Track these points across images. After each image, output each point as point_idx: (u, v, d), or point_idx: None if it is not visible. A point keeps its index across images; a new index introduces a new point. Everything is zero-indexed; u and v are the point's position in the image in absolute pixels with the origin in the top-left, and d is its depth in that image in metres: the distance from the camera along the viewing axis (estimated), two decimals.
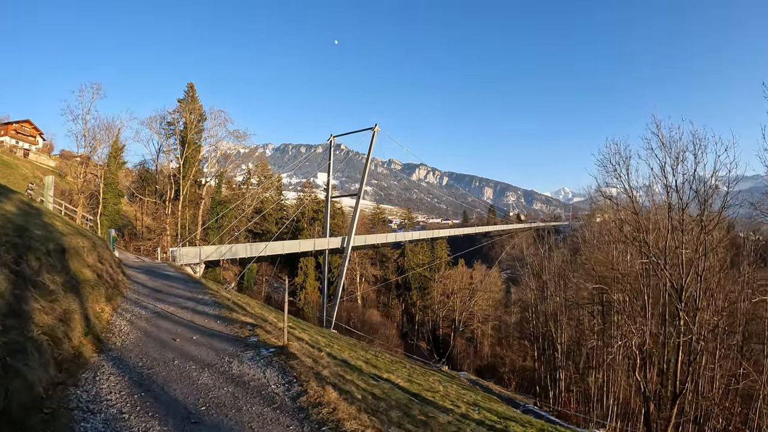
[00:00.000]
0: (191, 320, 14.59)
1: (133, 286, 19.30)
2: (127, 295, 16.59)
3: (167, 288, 21.71)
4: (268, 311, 27.66)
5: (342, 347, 24.36)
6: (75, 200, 53.58)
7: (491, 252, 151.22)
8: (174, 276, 27.73)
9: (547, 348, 50.70)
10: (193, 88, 67.22)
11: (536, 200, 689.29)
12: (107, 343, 10.47)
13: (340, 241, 66.49)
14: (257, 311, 21.31)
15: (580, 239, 52.24)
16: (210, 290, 22.77)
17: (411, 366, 35.90)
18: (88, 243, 16.09)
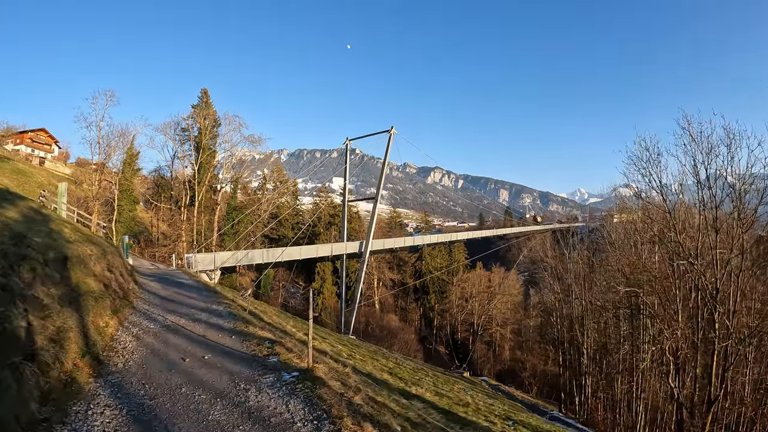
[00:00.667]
0: (203, 335, 13.49)
1: (144, 295, 18.38)
2: (136, 306, 15.66)
3: (180, 297, 20.68)
4: (286, 319, 26.61)
5: (364, 357, 23.24)
6: (90, 207, 53.24)
7: (508, 254, 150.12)
8: (188, 284, 26.71)
9: (572, 353, 49.00)
10: (207, 94, 66.67)
11: (552, 202, 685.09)
12: (108, 365, 9.39)
13: (358, 245, 65.29)
14: (275, 320, 20.33)
15: (604, 240, 50.21)
16: (225, 300, 21.62)
17: (434, 374, 34.62)
18: (97, 251, 15.16)
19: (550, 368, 72.41)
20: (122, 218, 59.56)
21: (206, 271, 42.03)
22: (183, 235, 60.29)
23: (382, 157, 66.45)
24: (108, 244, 20.98)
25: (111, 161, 58.64)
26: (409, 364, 33.88)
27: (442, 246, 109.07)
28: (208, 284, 28.71)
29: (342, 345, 23.99)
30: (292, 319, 29.17)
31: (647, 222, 33.97)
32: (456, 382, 34.13)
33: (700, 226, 26.79)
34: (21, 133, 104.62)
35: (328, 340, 22.55)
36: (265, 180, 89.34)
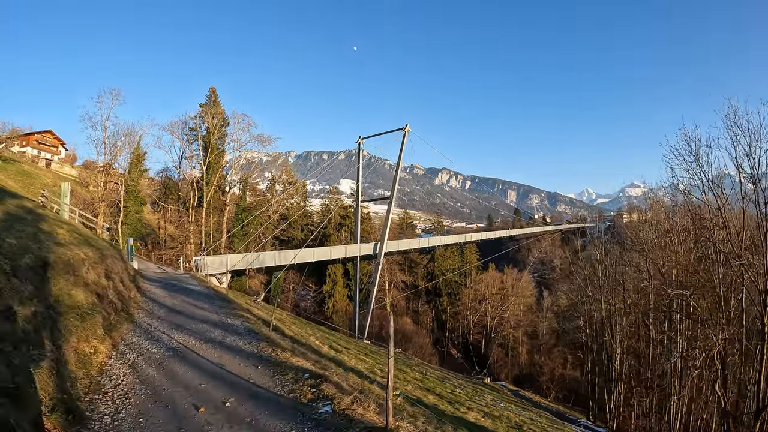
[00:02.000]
0: (220, 362, 10.90)
1: (147, 305, 16.52)
2: (137, 320, 13.74)
3: (189, 308, 18.68)
4: (303, 326, 24.68)
5: (397, 372, 21.16)
6: (96, 209, 51.98)
7: (518, 255, 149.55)
8: (197, 291, 24.61)
9: (603, 358, 46.60)
10: (215, 93, 65.05)
11: (560, 202, 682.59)
12: (89, 419, 6.69)
13: (372, 247, 63.31)
14: (295, 331, 18.37)
15: (630, 240, 47.76)
16: (240, 311, 19.44)
17: (459, 382, 32.60)
18: (94, 254, 13.32)
19: (569, 372, 71.57)
20: (129, 220, 58.26)
21: (215, 274, 40.07)
22: (191, 237, 58.65)
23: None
24: (109, 246, 19.04)
25: (117, 162, 57.39)
26: (433, 373, 31.90)
27: (454, 247, 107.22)
28: (219, 290, 26.71)
29: (368, 357, 21.89)
30: (309, 326, 27.23)
31: (695, 220, 31.78)
32: (484, 391, 32.23)
33: (745, 224, 24.77)
34: (27, 134, 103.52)
35: (351, 350, 20.53)
36: (275, 181, 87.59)
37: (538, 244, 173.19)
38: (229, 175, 67.39)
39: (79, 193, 60.18)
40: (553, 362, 74.12)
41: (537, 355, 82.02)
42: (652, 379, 37.26)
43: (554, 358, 75.51)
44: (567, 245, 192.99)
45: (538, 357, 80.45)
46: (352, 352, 20.40)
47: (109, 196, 55.61)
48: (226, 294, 25.47)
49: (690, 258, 34.07)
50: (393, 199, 61.56)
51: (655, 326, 37.93)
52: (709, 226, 28.86)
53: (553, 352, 77.30)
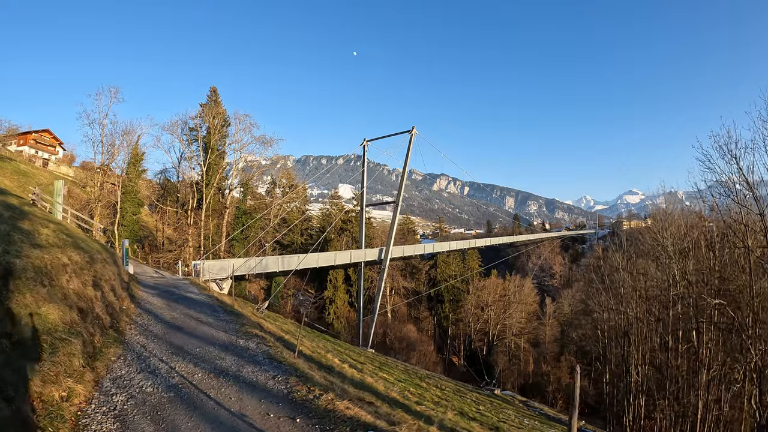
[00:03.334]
0: (241, 413, 8.04)
1: (142, 319, 14.71)
2: (129, 340, 11.74)
3: (191, 323, 16.30)
4: (316, 340, 22.73)
5: (420, 391, 19.27)
6: (92, 210, 50.87)
7: (517, 262, 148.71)
8: (198, 300, 22.32)
9: (622, 369, 44.61)
10: (216, 92, 63.38)
11: (558, 209, 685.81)
12: None
13: (377, 252, 61.50)
14: (315, 350, 16.45)
15: (648, 245, 45.63)
16: (252, 327, 16.81)
17: (475, 396, 30.73)
18: (81, 258, 11.51)
19: (580, 382, 68.68)
20: (125, 222, 56.70)
21: (216, 280, 38.14)
22: (189, 240, 56.81)
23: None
24: (102, 249, 17.10)
25: (115, 161, 55.85)
26: (448, 385, 30.04)
27: (456, 253, 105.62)
28: (223, 300, 24.53)
29: (389, 375, 19.97)
30: (317, 336, 25.27)
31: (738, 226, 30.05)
32: (503, 405, 30.36)
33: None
34: (24, 133, 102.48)
35: (368, 366, 18.65)
36: (275, 184, 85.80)
37: (538, 251, 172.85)
38: (229, 176, 65.50)
39: (77, 194, 58.86)
40: (561, 371, 72.26)
41: (544, 364, 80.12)
42: (676, 391, 35.47)
43: (561, 366, 73.57)
44: (566, 252, 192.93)
45: (545, 366, 78.61)
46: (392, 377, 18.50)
47: (106, 197, 54.15)
48: (233, 305, 22.91)
49: (719, 265, 32.50)
50: (399, 203, 59.90)
51: (681, 336, 36.09)
52: (742, 232, 27.12)
53: (561, 361, 75.33)
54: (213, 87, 63.50)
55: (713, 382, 31.00)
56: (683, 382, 34.92)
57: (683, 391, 34.65)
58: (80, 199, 55.09)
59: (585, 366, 72.67)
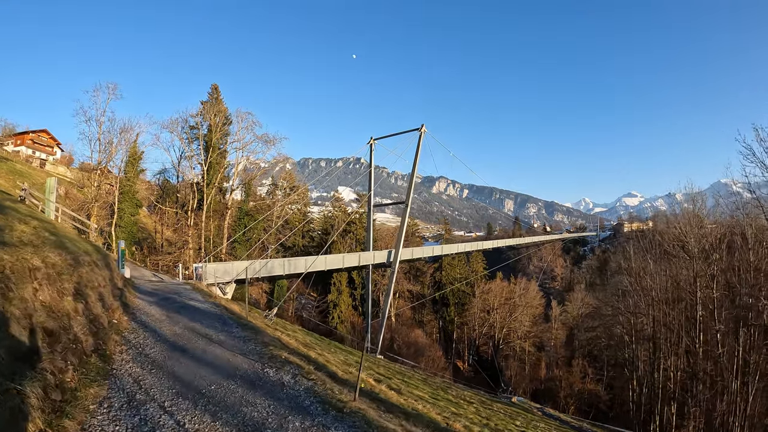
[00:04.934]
0: None
1: (136, 337, 12.03)
2: (117, 372, 9.10)
3: (198, 342, 13.34)
4: (334, 353, 20.45)
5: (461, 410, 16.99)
6: (89, 210, 49.09)
7: (518, 264, 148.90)
8: (204, 310, 19.45)
9: (652, 375, 42.27)
10: (217, 90, 61.18)
11: (557, 211, 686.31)
12: None
13: (386, 254, 59.26)
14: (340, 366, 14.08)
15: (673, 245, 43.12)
16: (276, 347, 13.87)
17: (498, 406, 28.48)
18: (62, 260, 9.36)
19: (590, 387, 68.58)
20: (123, 223, 54.85)
21: (219, 284, 35.83)
22: (190, 241, 54.53)
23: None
24: (93, 250, 14.77)
25: (112, 161, 53.82)
26: (473, 398, 27.83)
27: (461, 256, 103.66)
28: (232, 309, 21.63)
29: (419, 389, 17.69)
30: (328, 344, 22.93)
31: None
32: (529, 417, 28.14)
33: None
34: (22, 133, 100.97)
35: (393, 379, 16.38)
36: (276, 186, 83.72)
37: (539, 253, 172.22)
38: (231, 176, 63.27)
39: (74, 195, 56.95)
40: (573, 376, 70.35)
41: (556, 369, 78.21)
42: (711, 397, 33.34)
43: (573, 371, 71.74)
44: (568, 254, 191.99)
45: (557, 371, 76.71)
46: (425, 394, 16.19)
47: (103, 198, 52.14)
48: (245, 316, 19.99)
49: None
50: (409, 204, 57.59)
51: (717, 339, 33.93)
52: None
53: (572, 366, 73.53)
54: (214, 84, 61.39)
55: (755, 388, 28.91)
56: (713, 388, 32.87)
57: (718, 397, 32.54)
58: (78, 200, 53.04)
59: (597, 371, 71.07)
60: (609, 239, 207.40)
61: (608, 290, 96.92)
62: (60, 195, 58.16)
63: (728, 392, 31.67)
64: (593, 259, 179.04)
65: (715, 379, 33.14)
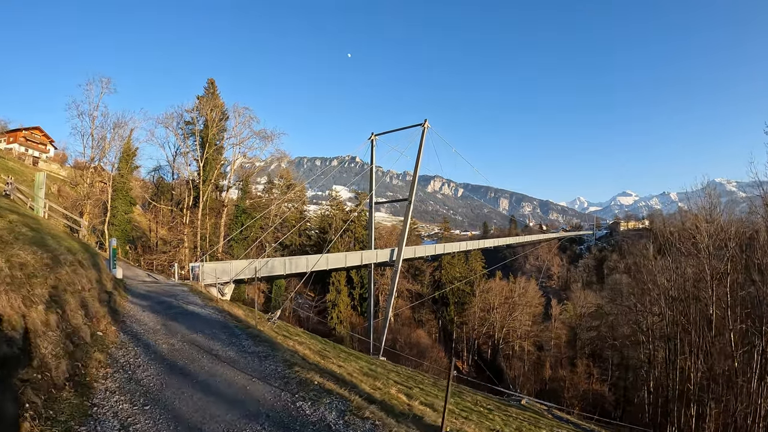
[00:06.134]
0: None
1: (125, 356, 10.07)
2: (98, 412, 7.17)
3: (203, 362, 11.25)
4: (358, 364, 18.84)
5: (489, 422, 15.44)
6: (82, 208, 47.46)
7: (515, 263, 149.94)
8: (205, 316, 17.24)
9: (672, 377, 40.85)
10: (213, 84, 59.39)
11: (552, 210, 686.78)
12: None
13: (389, 253, 57.75)
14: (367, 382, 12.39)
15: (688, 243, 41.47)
16: (307, 370, 11.48)
17: (515, 411, 26.95)
18: (36, 260, 7.85)
19: (595, 387, 68.47)
20: (117, 221, 53.26)
21: (217, 284, 34.12)
22: (185, 240, 52.80)
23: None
24: (80, 249, 13.10)
25: (106, 157, 52.25)
26: (489, 403, 26.33)
27: (460, 255, 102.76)
28: (238, 315, 19.22)
29: (426, 395, 16.10)
30: (336, 350, 21.34)
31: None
32: (551, 423, 26.68)
33: None
34: (14, 131, 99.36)
35: (414, 389, 14.81)
36: (272, 183, 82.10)
37: (536, 252, 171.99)
38: (227, 173, 61.52)
39: (67, 192, 55.57)
40: (578, 377, 69.33)
41: (561, 369, 77.24)
42: (730, 399, 32.06)
43: (578, 372, 70.73)
44: (564, 253, 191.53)
45: (562, 371, 75.74)
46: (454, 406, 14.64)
47: (96, 195, 50.52)
48: (256, 326, 17.38)
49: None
50: (412, 200, 56.37)
51: (738, 338, 32.75)
52: None
53: (577, 366, 72.54)
54: (211, 79, 59.55)
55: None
56: (738, 389, 31.59)
57: (737, 398, 31.31)
58: (71, 197, 51.85)
59: (602, 371, 70.02)
60: (605, 238, 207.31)
61: (611, 289, 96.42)
62: (53, 193, 56.82)
63: (748, 392, 30.57)
64: (590, 258, 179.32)
65: (734, 379, 31.88)
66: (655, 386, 44.59)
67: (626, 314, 54.37)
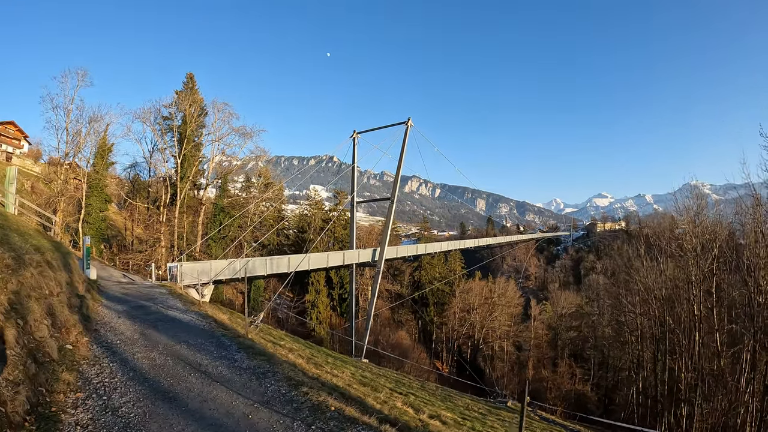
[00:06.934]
0: None
1: (99, 374, 8.73)
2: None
3: (190, 382, 9.69)
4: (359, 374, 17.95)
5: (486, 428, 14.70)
6: (55, 205, 45.61)
7: (492, 264, 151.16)
8: (188, 323, 15.75)
9: (662, 377, 40.79)
10: (192, 79, 57.95)
11: (529, 211, 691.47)
12: None
13: (371, 253, 56.89)
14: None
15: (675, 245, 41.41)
16: (317, 391, 9.95)
17: (505, 414, 26.34)
18: None
19: (577, 387, 68.65)
20: (91, 219, 51.65)
21: (196, 285, 32.92)
22: (162, 239, 51.31)
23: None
24: (50, 248, 12.02)
25: (81, 152, 50.41)
26: (478, 407, 25.68)
27: (439, 255, 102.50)
28: (222, 321, 17.79)
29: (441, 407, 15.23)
30: (350, 366, 20.47)
31: None
32: (544, 426, 26.19)
33: None
34: None
35: (410, 397, 13.97)
36: (251, 182, 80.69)
37: (513, 253, 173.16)
38: (206, 170, 60.08)
39: (42, 189, 53.94)
40: (561, 377, 69.34)
41: (543, 370, 77.33)
42: (722, 398, 32.04)
43: (561, 372, 70.95)
44: (541, 254, 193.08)
45: (544, 371, 75.81)
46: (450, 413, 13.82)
47: (70, 192, 48.87)
48: (247, 335, 15.78)
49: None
50: (395, 200, 55.41)
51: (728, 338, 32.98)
52: None
53: (559, 366, 72.97)
54: (190, 73, 58.08)
55: None
56: (729, 387, 31.67)
57: (730, 396, 31.38)
58: (45, 194, 50.28)
59: (585, 371, 70.19)
60: (582, 239, 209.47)
61: (590, 288, 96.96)
62: (26, 189, 55.04)
63: (737, 391, 30.65)
64: (567, 259, 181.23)
65: (723, 378, 31.99)
66: (644, 386, 44.60)
67: (610, 315, 54.38)
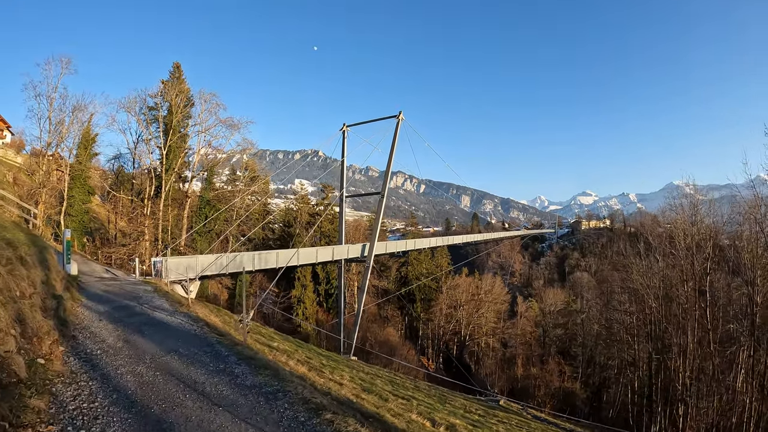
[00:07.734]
0: None
1: (76, 397, 7.28)
2: None
3: (186, 407, 8.07)
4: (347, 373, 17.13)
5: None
6: (38, 197, 44.45)
7: (477, 260, 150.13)
8: (177, 327, 14.44)
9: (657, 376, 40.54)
10: (179, 68, 56.47)
11: (513, 208, 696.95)
12: None
13: (360, 248, 56.19)
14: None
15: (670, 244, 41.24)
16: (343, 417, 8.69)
17: (502, 415, 25.69)
18: None
19: (567, 385, 68.25)
20: (73, 211, 50.07)
21: (182, 281, 31.79)
22: (146, 232, 50.02)
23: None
24: (25, 241, 11.08)
25: (64, 143, 49.74)
26: (473, 407, 25.03)
27: (427, 251, 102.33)
28: (215, 324, 16.53)
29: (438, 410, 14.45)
30: (333, 363, 19.68)
31: None
32: (543, 427, 25.66)
33: None
34: None
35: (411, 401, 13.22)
36: (236, 175, 79.43)
37: (498, 249, 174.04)
38: (192, 162, 58.85)
39: (24, 181, 52.52)
40: (550, 375, 69.24)
41: (532, 367, 77.17)
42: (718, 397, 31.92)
43: (550, 369, 71.19)
44: (526, 251, 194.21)
45: (533, 369, 75.66)
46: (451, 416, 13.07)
47: (52, 183, 47.98)
48: (245, 341, 14.79)
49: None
50: (385, 195, 54.82)
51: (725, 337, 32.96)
52: None
53: (548, 363, 73.51)
54: (176, 63, 56.62)
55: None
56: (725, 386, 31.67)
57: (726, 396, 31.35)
58: (27, 186, 49.15)
59: (573, 369, 70.05)
60: (567, 236, 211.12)
61: (575, 287, 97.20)
62: (8, 181, 53.50)
63: (733, 390, 31.22)
64: (551, 256, 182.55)
65: (719, 377, 31.95)
66: (639, 385, 44.42)
67: (600, 312, 54.18)
